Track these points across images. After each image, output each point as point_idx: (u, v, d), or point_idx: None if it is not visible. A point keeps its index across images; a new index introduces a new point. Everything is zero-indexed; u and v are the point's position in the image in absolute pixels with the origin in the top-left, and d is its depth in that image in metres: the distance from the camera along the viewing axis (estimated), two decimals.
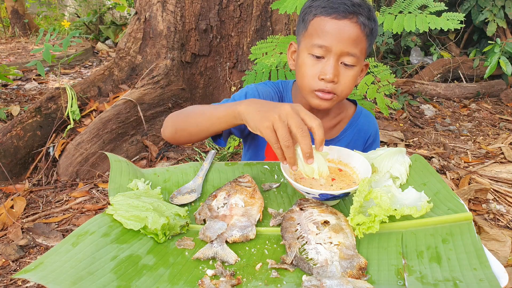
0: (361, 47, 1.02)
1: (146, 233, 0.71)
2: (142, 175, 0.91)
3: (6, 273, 1.63)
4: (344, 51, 1.00)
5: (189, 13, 2.91)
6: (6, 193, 2.16)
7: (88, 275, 0.61)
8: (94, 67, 4.94)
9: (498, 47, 3.45)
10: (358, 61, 1.03)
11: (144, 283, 0.61)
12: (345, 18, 0.99)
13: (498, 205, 2.17)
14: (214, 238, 0.70)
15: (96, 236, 0.69)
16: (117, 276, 0.62)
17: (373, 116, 1.32)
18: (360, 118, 1.26)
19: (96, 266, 0.63)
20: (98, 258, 0.65)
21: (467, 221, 0.70)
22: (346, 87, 1.04)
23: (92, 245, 0.67)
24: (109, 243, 0.68)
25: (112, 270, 0.63)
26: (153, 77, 2.79)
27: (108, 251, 0.67)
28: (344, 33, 0.99)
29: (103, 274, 0.62)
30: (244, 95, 1.17)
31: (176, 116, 1.07)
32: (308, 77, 1.05)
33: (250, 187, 0.84)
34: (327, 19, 1.00)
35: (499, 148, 2.94)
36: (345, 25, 0.99)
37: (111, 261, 0.65)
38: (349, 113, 1.27)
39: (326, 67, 1.01)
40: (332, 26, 0.99)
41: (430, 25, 1.74)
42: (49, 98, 2.56)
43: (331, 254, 0.65)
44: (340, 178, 0.86)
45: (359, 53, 1.02)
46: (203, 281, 0.61)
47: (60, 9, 7.82)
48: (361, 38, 1.01)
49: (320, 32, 1.01)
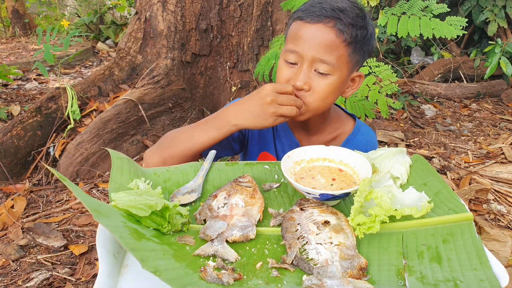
0: (339, 55, 0.94)
1: (148, 225, 0.70)
2: (143, 174, 0.91)
3: (6, 273, 1.63)
4: (316, 58, 0.94)
5: (189, 13, 2.91)
6: (7, 193, 2.16)
7: (105, 216, 0.63)
8: (94, 67, 4.94)
9: (498, 48, 3.45)
10: (334, 69, 0.95)
11: (151, 246, 0.64)
12: (319, 22, 0.93)
13: (498, 205, 2.17)
14: (214, 237, 0.70)
15: (106, 206, 0.71)
16: (129, 229, 0.65)
17: (373, 132, 1.26)
18: (358, 136, 1.19)
19: (111, 212, 0.67)
20: (111, 213, 0.67)
21: (467, 221, 0.70)
22: (318, 97, 0.97)
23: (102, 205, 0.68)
24: (117, 212, 0.70)
25: (124, 226, 0.66)
26: (154, 77, 2.79)
27: (118, 217, 0.68)
28: (316, 38, 0.93)
29: (117, 220, 0.65)
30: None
31: (158, 147, 1.05)
32: (280, 83, 1.01)
33: (251, 187, 0.84)
34: (301, 23, 0.95)
35: (499, 148, 2.94)
36: (317, 29, 0.93)
37: (121, 222, 0.67)
38: (347, 129, 1.20)
39: (296, 73, 0.97)
40: (305, 30, 0.94)
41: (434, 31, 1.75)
42: (50, 98, 2.56)
43: (332, 254, 0.65)
44: (341, 178, 0.86)
45: (334, 60, 0.94)
46: (205, 268, 0.61)
47: (61, 9, 7.82)
48: (337, 44, 0.93)
49: (294, 36, 0.97)
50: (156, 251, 0.63)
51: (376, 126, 3.20)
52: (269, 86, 0.91)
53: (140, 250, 0.60)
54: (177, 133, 1.04)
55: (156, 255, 0.61)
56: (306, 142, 1.18)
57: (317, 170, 0.89)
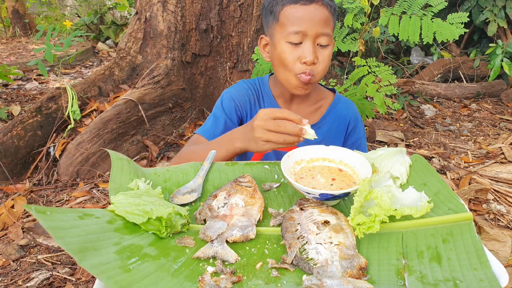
0: (331, 26, 1.11)
1: (147, 229, 0.71)
2: (142, 174, 0.91)
3: (6, 273, 1.63)
4: (319, 33, 1.07)
5: (189, 13, 2.92)
6: (7, 192, 2.17)
7: (93, 250, 0.61)
8: (94, 67, 4.95)
9: (500, 49, 3.45)
10: (330, 39, 1.11)
11: (145, 269, 0.62)
12: (312, 2, 1.07)
13: (498, 205, 2.17)
14: (214, 237, 0.70)
15: (101, 221, 0.69)
16: (120, 258, 0.63)
17: (353, 103, 1.38)
18: (339, 105, 1.32)
19: (100, 245, 0.64)
20: (103, 239, 0.65)
21: (467, 221, 0.70)
22: (324, 66, 1.11)
23: (97, 226, 0.67)
24: (112, 230, 0.69)
25: (115, 252, 0.64)
26: (154, 77, 2.79)
27: (111, 237, 0.67)
28: (316, 16, 1.07)
29: (106, 253, 0.62)
30: (220, 103, 1.29)
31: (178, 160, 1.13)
32: (290, 63, 1.10)
33: (251, 187, 0.84)
34: (297, 6, 1.07)
35: (499, 148, 2.94)
36: (314, 9, 1.07)
37: (114, 246, 0.65)
38: (328, 101, 1.32)
39: (305, 50, 1.08)
40: (303, 11, 1.07)
41: (436, 35, 1.75)
42: (50, 98, 2.56)
43: (331, 254, 0.65)
44: (341, 178, 0.86)
45: (330, 31, 1.10)
46: (203, 277, 0.61)
47: (61, 9, 7.82)
48: (329, 17, 1.09)
49: (294, 19, 1.07)
50: (150, 275, 0.61)
51: (376, 126, 3.20)
52: (262, 111, 0.92)
53: (132, 284, 0.58)
54: (196, 148, 1.15)
55: (150, 281, 0.60)
56: (295, 111, 1.25)
57: (317, 170, 0.89)
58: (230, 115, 1.27)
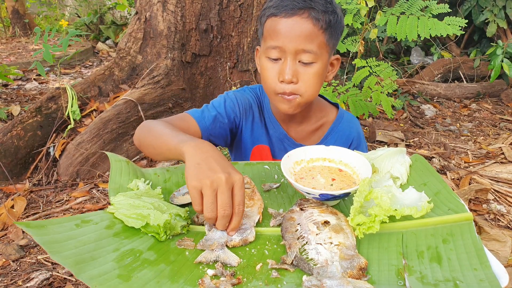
0: (318, 42, 0.97)
1: (146, 231, 0.71)
2: (142, 174, 0.91)
3: (6, 273, 1.63)
4: (298, 49, 0.96)
5: (189, 13, 2.91)
6: (7, 193, 2.16)
7: (91, 260, 0.61)
8: (94, 67, 4.94)
9: (500, 49, 3.45)
10: (317, 57, 0.98)
11: (144, 276, 0.61)
12: (294, 15, 0.95)
13: (498, 205, 2.17)
14: (214, 247, 0.69)
15: (99, 226, 0.69)
16: (119, 266, 0.62)
17: (356, 119, 1.29)
18: (342, 123, 1.22)
19: (99, 253, 0.63)
20: (101, 247, 0.65)
21: (467, 221, 0.70)
22: (309, 85, 1.01)
23: (95, 233, 0.67)
24: (111, 235, 0.69)
25: (114, 260, 0.63)
26: (154, 77, 2.79)
27: (110, 243, 0.67)
28: (295, 31, 0.95)
29: (105, 262, 0.62)
30: (223, 102, 1.17)
31: (141, 129, 1.02)
32: (269, 81, 1.02)
33: (249, 188, 0.84)
34: (277, 18, 0.97)
35: (499, 148, 2.94)
36: (295, 22, 0.95)
37: (113, 252, 0.65)
38: (331, 118, 1.23)
39: (283, 68, 0.98)
40: (283, 25, 0.96)
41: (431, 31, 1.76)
42: (50, 98, 2.56)
43: (332, 254, 0.65)
44: (340, 178, 0.86)
45: (316, 48, 0.97)
46: (203, 280, 0.61)
47: (61, 9, 7.82)
48: (315, 33, 0.96)
49: (272, 33, 0.98)
50: (150, 282, 0.61)
51: (376, 126, 3.20)
52: (240, 180, 0.72)
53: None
54: (155, 128, 0.98)
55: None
56: (294, 131, 1.20)
57: (317, 170, 0.89)
58: (228, 114, 1.17)
